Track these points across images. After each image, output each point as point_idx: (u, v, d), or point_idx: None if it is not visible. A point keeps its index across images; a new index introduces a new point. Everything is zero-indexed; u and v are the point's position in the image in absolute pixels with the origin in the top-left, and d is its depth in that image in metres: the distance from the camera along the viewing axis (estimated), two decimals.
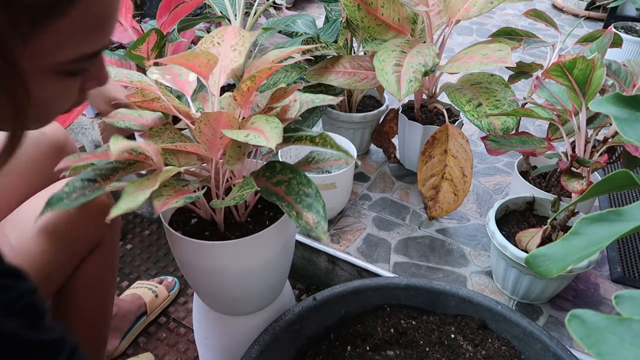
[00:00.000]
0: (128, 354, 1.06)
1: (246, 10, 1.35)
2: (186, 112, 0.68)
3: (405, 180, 1.40)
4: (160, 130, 0.72)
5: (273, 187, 0.68)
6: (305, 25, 1.27)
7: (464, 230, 1.23)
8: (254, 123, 0.63)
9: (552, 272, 0.31)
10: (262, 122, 0.62)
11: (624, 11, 2.32)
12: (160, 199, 0.60)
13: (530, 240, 0.93)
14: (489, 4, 1.06)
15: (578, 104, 0.82)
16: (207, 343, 0.90)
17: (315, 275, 1.22)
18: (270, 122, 0.61)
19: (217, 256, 0.71)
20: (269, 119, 0.62)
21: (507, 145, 0.96)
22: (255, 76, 0.64)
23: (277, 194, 0.67)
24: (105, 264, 0.78)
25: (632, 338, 0.24)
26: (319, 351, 0.82)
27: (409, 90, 0.93)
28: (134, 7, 1.26)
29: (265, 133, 0.59)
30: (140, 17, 1.83)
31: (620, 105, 0.33)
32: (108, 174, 0.65)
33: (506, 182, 1.40)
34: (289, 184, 0.68)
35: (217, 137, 0.63)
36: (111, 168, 0.65)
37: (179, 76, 0.73)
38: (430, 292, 0.86)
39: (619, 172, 0.32)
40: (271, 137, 0.57)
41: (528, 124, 1.71)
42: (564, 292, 1.05)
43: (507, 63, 0.95)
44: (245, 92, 0.66)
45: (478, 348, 0.81)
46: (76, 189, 0.63)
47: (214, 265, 0.73)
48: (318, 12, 2.82)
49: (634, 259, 1.14)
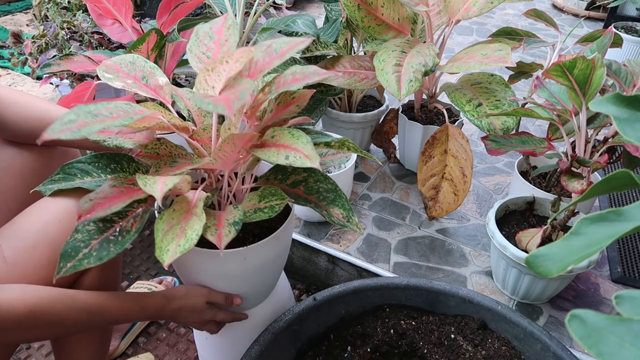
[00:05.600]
0: (128, 354, 1.06)
1: (246, 10, 1.35)
2: (186, 127, 0.64)
3: (405, 180, 1.40)
4: (157, 146, 0.66)
5: (290, 189, 0.66)
6: (305, 25, 1.26)
7: (464, 230, 1.22)
8: (278, 138, 0.58)
9: (552, 272, 0.31)
10: (289, 138, 0.57)
11: (624, 11, 2.31)
12: (213, 232, 0.57)
13: (530, 240, 0.93)
14: (489, 4, 1.06)
15: (578, 104, 0.82)
16: (207, 343, 0.90)
17: (315, 275, 1.22)
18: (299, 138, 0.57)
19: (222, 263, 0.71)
20: (294, 134, 0.58)
21: (507, 145, 0.96)
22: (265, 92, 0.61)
23: (297, 195, 0.65)
24: (107, 277, 0.75)
25: (632, 338, 0.24)
26: (319, 351, 0.82)
27: (409, 90, 0.93)
28: (134, 7, 1.26)
29: (303, 152, 0.55)
30: (140, 17, 1.83)
31: (620, 105, 0.33)
32: (124, 211, 0.60)
33: (506, 182, 1.40)
34: (306, 183, 0.66)
35: (236, 152, 0.60)
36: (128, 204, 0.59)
37: (142, 79, 0.66)
38: (430, 292, 0.86)
39: (619, 172, 0.32)
40: (312, 155, 0.54)
41: (528, 124, 1.71)
42: (564, 292, 1.05)
43: (507, 63, 0.95)
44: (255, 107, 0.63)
45: (478, 348, 0.81)
46: (92, 236, 0.57)
47: (217, 270, 0.73)
48: (318, 12, 2.82)
49: (634, 259, 1.14)
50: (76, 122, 0.51)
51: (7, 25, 2.46)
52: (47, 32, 1.45)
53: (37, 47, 1.44)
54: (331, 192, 0.64)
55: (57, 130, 0.50)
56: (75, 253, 0.56)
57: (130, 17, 1.12)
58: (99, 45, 1.44)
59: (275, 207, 0.60)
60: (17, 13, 2.67)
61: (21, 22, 2.54)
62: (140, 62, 0.67)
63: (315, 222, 1.23)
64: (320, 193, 0.64)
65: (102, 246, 0.57)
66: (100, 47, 1.44)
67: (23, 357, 1.06)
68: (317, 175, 0.66)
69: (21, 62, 1.56)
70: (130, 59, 0.67)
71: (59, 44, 1.43)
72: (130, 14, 1.12)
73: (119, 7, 1.10)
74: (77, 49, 1.39)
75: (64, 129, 0.50)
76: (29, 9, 2.70)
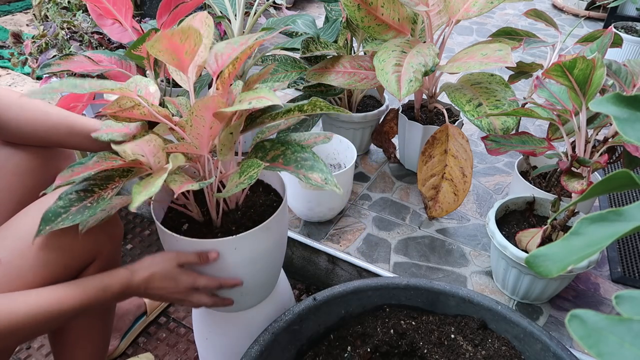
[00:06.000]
0: (128, 354, 1.06)
1: (246, 10, 1.35)
2: (167, 115, 0.66)
3: (405, 180, 1.40)
4: (143, 136, 0.69)
5: (272, 164, 0.69)
6: (305, 25, 1.27)
7: (464, 230, 1.22)
8: (244, 98, 0.62)
9: (552, 272, 0.31)
10: (253, 93, 0.62)
11: (624, 11, 2.31)
12: (176, 184, 0.60)
13: (530, 240, 0.93)
14: (489, 4, 1.06)
15: (578, 104, 0.82)
16: (207, 343, 0.90)
17: (315, 275, 1.22)
18: (261, 90, 0.61)
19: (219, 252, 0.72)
20: (256, 89, 0.63)
21: (507, 145, 0.96)
22: (237, 59, 0.64)
23: (276, 167, 0.68)
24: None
25: (632, 338, 0.24)
26: (319, 351, 0.82)
27: (409, 90, 0.93)
28: (134, 7, 1.26)
29: (265, 96, 0.60)
30: (140, 17, 1.83)
31: (620, 105, 0.33)
32: (104, 184, 0.64)
33: (506, 182, 1.40)
34: (284, 155, 0.69)
35: (208, 127, 0.62)
36: (106, 177, 0.64)
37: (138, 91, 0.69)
38: (430, 292, 0.86)
39: (619, 172, 0.32)
40: (272, 97, 0.59)
41: (528, 124, 1.71)
42: (564, 292, 1.05)
43: (507, 63, 0.95)
44: (226, 78, 0.65)
45: (478, 348, 0.81)
46: (72, 203, 0.61)
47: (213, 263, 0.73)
48: (318, 12, 2.82)
49: (634, 259, 1.14)
50: (59, 89, 0.58)
51: (7, 25, 2.46)
52: (47, 32, 1.45)
53: (37, 47, 1.44)
54: (309, 159, 0.67)
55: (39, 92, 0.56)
56: (55, 217, 0.60)
57: (130, 17, 1.12)
58: (99, 45, 1.44)
59: (253, 176, 0.63)
60: (17, 13, 2.67)
61: (21, 22, 2.55)
62: (138, 79, 0.71)
63: (315, 222, 1.23)
64: (299, 162, 0.68)
65: (78, 211, 0.61)
66: (100, 47, 1.44)
67: (23, 357, 1.06)
68: (294, 147, 0.69)
69: (21, 62, 1.56)
70: (132, 80, 0.71)
71: (59, 44, 1.43)
72: (130, 14, 1.12)
73: (119, 7, 1.10)
74: (77, 49, 1.39)
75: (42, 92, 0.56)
76: (29, 9, 2.70)
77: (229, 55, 0.68)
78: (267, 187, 0.86)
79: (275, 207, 0.79)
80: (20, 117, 0.72)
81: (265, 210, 0.80)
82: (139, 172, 0.66)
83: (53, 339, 0.80)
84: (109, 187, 0.64)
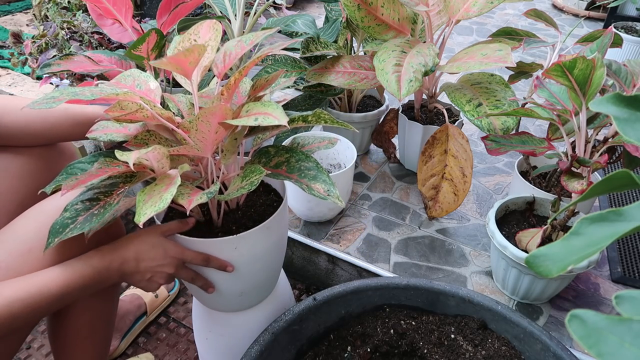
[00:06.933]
0: (128, 354, 1.06)
1: (246, 10, 1.35)
2: (170, 118, 0.66)
3: (405, 180, 1.40)
4: (146, 137, 0.69)
5: (274, 170, 0.69)
6: (305, 25, 1.27)
7: (464, 230, 1.22)
8: (251, 110, 0.62)
9: (552, 272, 0.31)
10: (261, 107, 0.61)
11: (624, 11, 2.31)
12: (184, 197, 0.60)
13: (530, 240, 0.93)
14: (489, 4, 1.06)
15: (578, 104, 0.82)
16: (207, 343, 0.90)
17: (315, 275, 1.22)
18: (270, 105, 0.61)
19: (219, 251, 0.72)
20: (264, 103, 0.62)
21: (507, 145, 0.96)
22: (245, 68, 0.64)
23: (279, 174, 0.68)
24: None
25: (632, 338, 0.24)
26: (319, 351, 0.82)
27: (409, 90, 0.93)
28: (134, 7, 1.26)
29: (272, 114, 0.59)
30: (140, 17, 1.83)
31: (620, 105, 0.33)
32: (109, 191, 0.64)
33: (506, 182, 1.40)
34: (288, 163, 0.69)
35: (213, 132, 0.62)
36: (110, 184, 0.65)
37: (137, 87, 0.69)
38: (430, 292, 0.86)
39: (619, 172, 0.32)
40: (280, 116, 0.58)
41: (528, 124, 1.71)
42: (564, 292, 1.05)
43: (507, 63, 0.95)
44: (232, 84, 0.65)
45: (478, 348, 0.81)
46: (79, 212, 0.62)
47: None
48: (318, 12, 2.82)
49: (634, 259, 1.14)
50: (58, 98, 0.58)
51: (7, 25, 2.46)
52: (47, 32, 1.45)
53: (37, 47, 1.44)
54: (312, 169, 0.68)
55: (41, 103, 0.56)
56: (63, 229, 0.60)
57: (130, 17, 1.12)
58: (99, 45, 1.44)
59: (255, 182, 0.63)
60: (17, 13, 2.67)
61: (21, 22, 2.54)
62: (136, 73, 0.71)
63: (315, 222, 1.23)
64: (302, 171, 0.68)
65: (86, 220, 0.61)
66: (100, 47, 1.44)
67: (23, 357, 1.06)
68: (298, 155, 0.69)
69: (21, 62, 1.56)
70: (129, 73, 0.71)
71: (59, 44, 1.43)
72: (130, 14, 1.12)
73: (119, 7, 1.10)
74: (77, 49, 1.39)
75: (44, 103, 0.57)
76: (29, 9, 2.70)
77: (237, 55, 0.69)
78: (267, 187, 0.86)
79: (275, 207, 0.79)
80: (23, 122, 0.73)
81: (266, 210, 0.80)
82: (142, 177, 0.65)
83: (53, 339, 0.80)
84: (114, 193, 0.64)
